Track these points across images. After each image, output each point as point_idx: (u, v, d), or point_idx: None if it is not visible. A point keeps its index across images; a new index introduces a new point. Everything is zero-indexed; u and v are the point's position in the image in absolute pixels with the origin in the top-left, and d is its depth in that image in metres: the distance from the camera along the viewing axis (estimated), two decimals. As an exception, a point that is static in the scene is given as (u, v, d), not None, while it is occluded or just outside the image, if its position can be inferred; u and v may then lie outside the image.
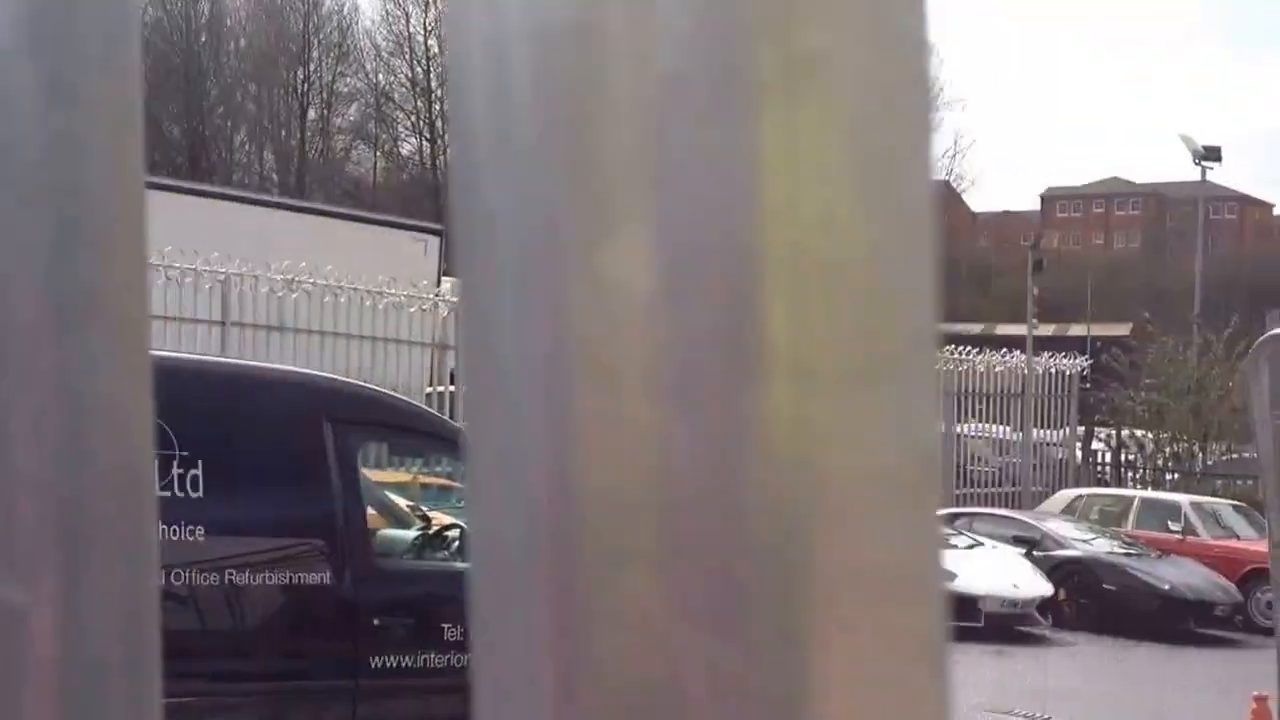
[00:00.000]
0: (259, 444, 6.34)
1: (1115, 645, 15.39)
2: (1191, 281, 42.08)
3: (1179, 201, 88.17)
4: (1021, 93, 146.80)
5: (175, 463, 5.94)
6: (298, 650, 6.29)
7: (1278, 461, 5.78)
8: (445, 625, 6.56)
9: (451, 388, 17.94)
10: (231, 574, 6.03)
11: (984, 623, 15.03)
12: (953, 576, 15.12)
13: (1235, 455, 23.75)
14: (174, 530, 5.87)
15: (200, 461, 6.00)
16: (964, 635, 14.71)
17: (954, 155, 73.37)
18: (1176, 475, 24.52)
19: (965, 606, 15.06)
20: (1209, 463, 24.57)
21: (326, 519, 6.34)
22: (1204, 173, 43.92)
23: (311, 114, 62.18)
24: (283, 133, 61.74)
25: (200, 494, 5.98)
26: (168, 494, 5.90)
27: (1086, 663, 14.29)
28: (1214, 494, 21.88)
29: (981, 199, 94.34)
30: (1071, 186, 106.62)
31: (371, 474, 8.56)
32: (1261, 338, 5.54)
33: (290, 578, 6.19)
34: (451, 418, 17.01)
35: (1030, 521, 18.26)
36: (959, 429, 23.80)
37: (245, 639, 6.14)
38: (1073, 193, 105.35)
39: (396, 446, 8.98)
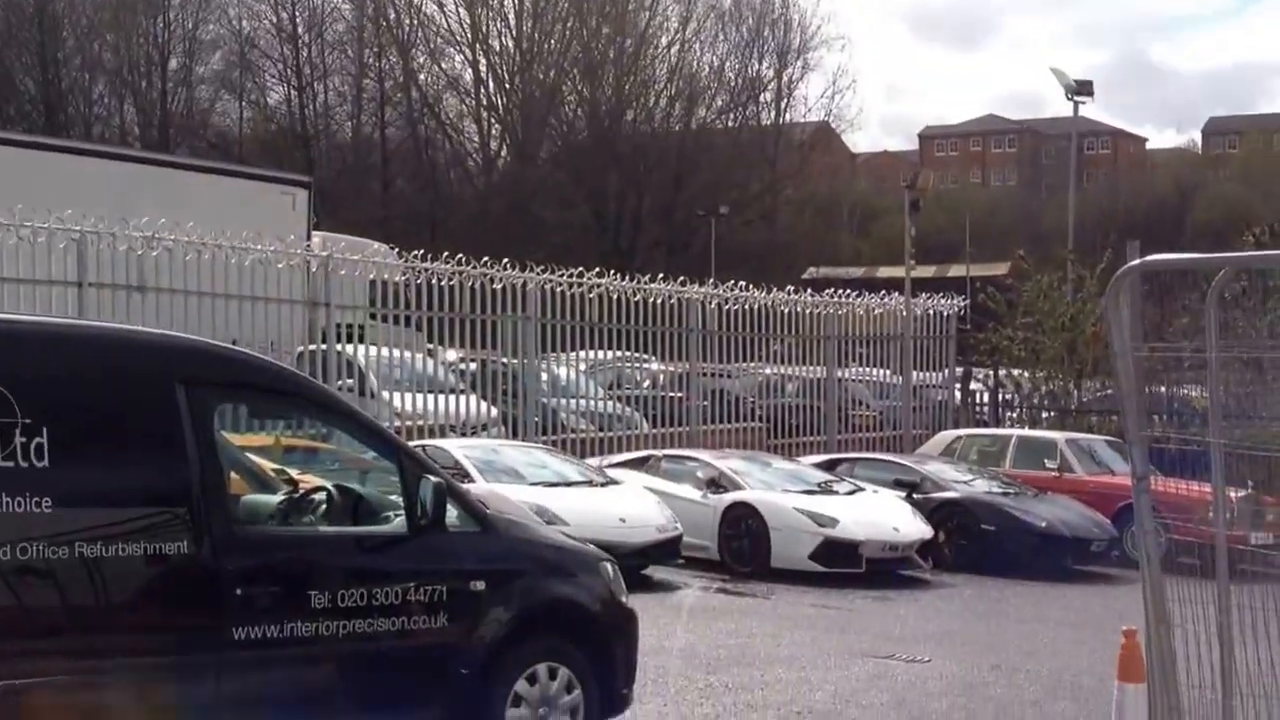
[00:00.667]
0: (107, 409, 6.08)
1: (994, 585, 15.60)
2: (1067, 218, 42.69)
3: (1055, 137, 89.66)
4: (900, 31, 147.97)
5: (18, 430, 5.69)
6: (155, 624, 6.05)
7: (1138, 394, 5.76)
8: (312, 592, 6.38)
9: (324, 346, 17.59)
10: (82, 547, 5.79)
11: (865, 568, 15.14)
12: (835, 522, 15.19)
13: (1109, 391, 24.14)
14: (18, 502, 5.65)
15: (45, 429, 5.75)
16: (845, 581, 14.81)
17: (833, 95, 73.78)
18: (1053, 413, 24.91)
19: (846, 552, 15.16)
20: (1084, 400, 24.98)
21: (182, 485, 6.11)
22: (1076, 108, 44.43)
23: (173, 63, 60.52)
24: (143, 84, 59.97)
25: (45, 463, 5.74)
26: (10, 464, 5.67)
27: (965, 604, 14.46)
28: (1089, 430, 22.26)
29: (862, 140, 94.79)
30: (949, 125, 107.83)
31: (233, 438, 8.29)
32: (1119, 270, 5.50)
33: (145, 548, 5.96)
34: (324, 379, 16.73)
35: (910, 465, 18.41)
36: (840, 373, 23.94)
37: (99, 614, 5.89)
38: (950, 131, 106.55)
39: (257, 408, 8.70)
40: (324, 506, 6.96)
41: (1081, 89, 43.39)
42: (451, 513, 6.85)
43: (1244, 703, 5.44)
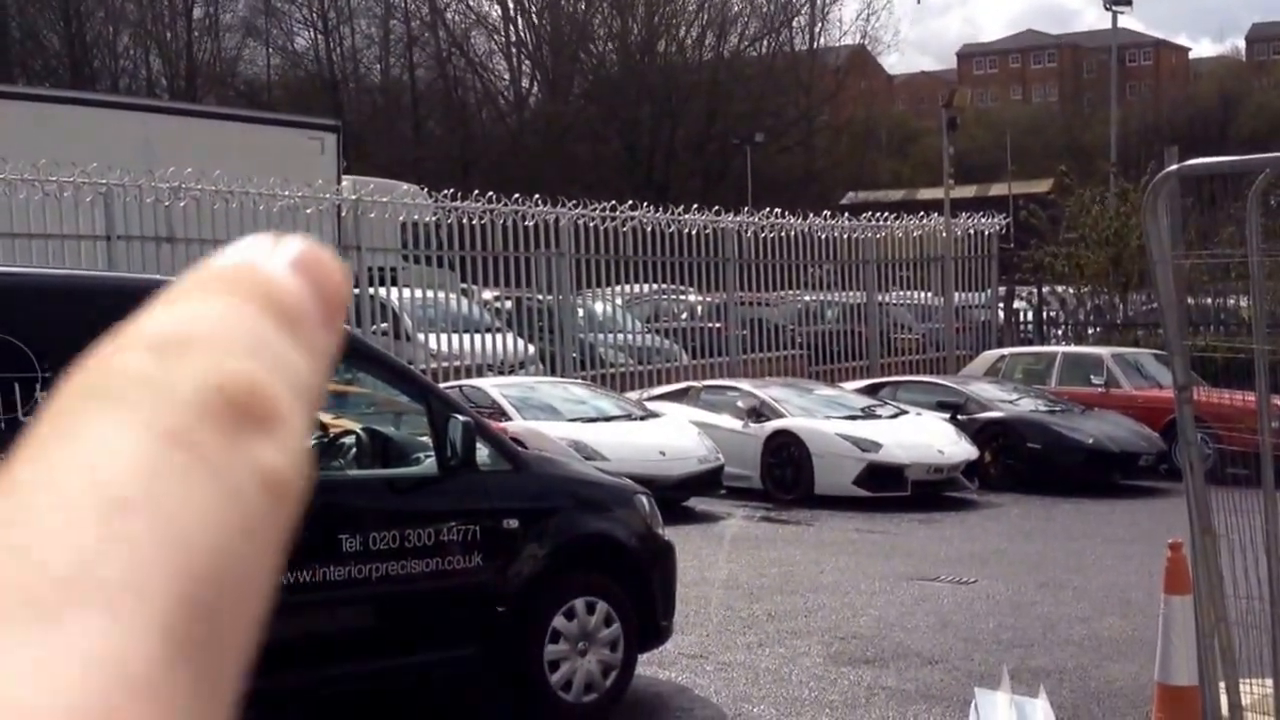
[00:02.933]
0: (131, 361, 6.01)
1: (1041, 503, 15.46)
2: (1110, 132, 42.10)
3: (1095, 50, 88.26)
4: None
5: (38, 386, 5.62)
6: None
7: (1178, 303, 5.62)
8: (343, 536, 6.34)
9: (357, 290, 17.54)
10: (110, 499, 5.73)
11: (910, 491, 15.02)
12: (878, 447, 15.07)
13: (1155, 305, 23.82)
14: (42, 458, 5.57)
15: (67, 384, 5.66)
16: (890, 505, 14.71)
17: (868, 18, 72.92)
18: (1098, 328, 24.63)
19: (891, 476, 15.04)
20: (1130, 314, 24.67)
21: (208, 435, 6.04)
22: (1115, 19, 43.71)
23: (197, 12, 60.27)
24: (168, 34, 59.85)
25: None
26: (33, 419, 5.57)
27: (1012, 523, 14.32)
28: (1135, 344, 21.97)
29: (899, 63, 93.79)
30: (986, 43, 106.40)
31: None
32: (1157, 177, 5.34)
33: (173, 498, 5.91)
34: (359, 323, 16.70)
35: (954, 386, 18.23)
36: (881, 297, 23.74)
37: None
38: (988, 49, 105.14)
39: (283, 353, 8.65)
40: (353, 450, 6.94)
41: (1119, -1, 42.71)
42: (483, 452, 6.80)
43: (1291, 610, 5.35)
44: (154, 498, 0.34)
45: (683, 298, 21.58)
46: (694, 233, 21.00)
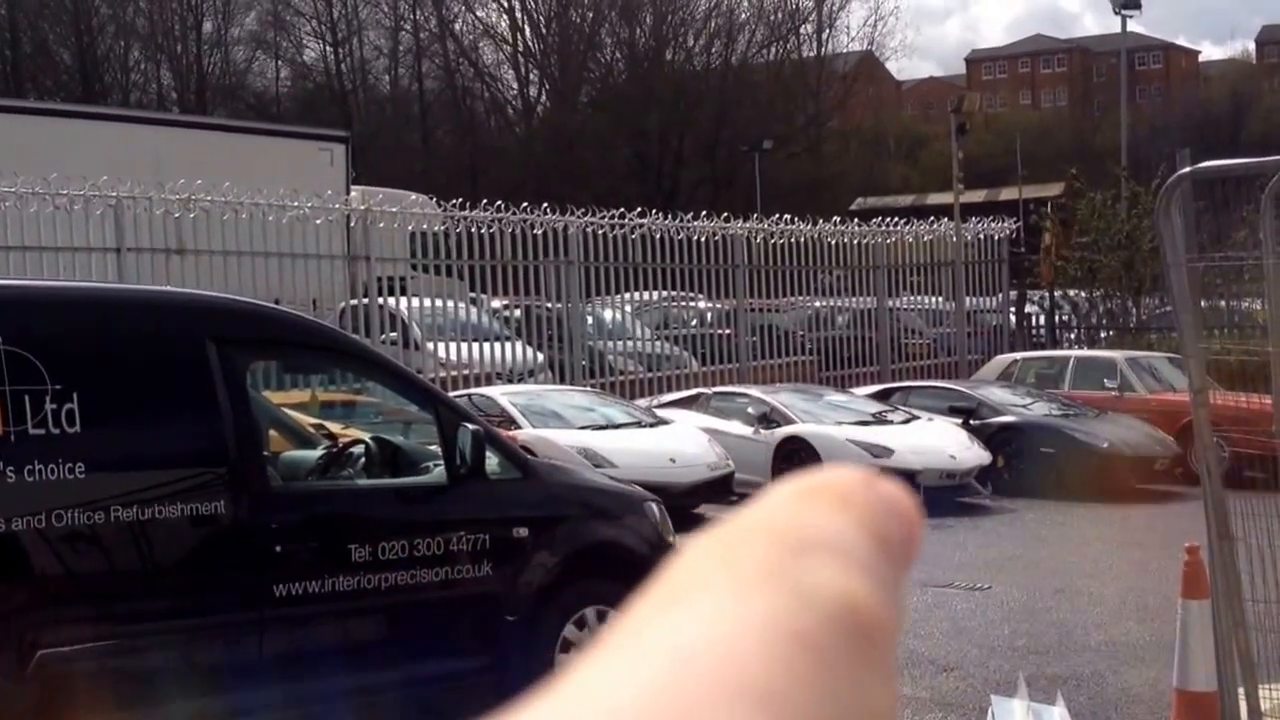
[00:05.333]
0: (138, 372, 6.01)
1: (1056, 508, 15.39)
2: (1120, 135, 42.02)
3: (1104, 55, 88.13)
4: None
5: (48, 398, 5.60)
6: (196, 586, 6.00)
7: (1193, 306, 5.58)
8: (353, 546, 6.30)
9: (366, 300, 17.57)
10: (118, 511, 5.71)
11: (923, 496, 14.93)
12: (889, 453, 15.03)
13: (1169, 307, 23.75)
14: (51, 470, 5.56)
15: (75, 394, 5.65)
16: (903, 511, 14.64)
17: (875, 24, 72.99)
18: (1111, 332, 24.56)
19: (903, 482, 14.96)
20: (1143, 317, 24.61)
21: (217, 445, 6.03)
22: (1124, 22, 43.68)
23: (207, 26, 60.65)
24: (178, 48, 60.12)
25: (77, 429, 5.63)
26: (41, 432, 5.59)
27: (1027, 528, 14.28)
28: (1149, 348, 21.91)
29: (907, 68, 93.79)
30: (994, 47, 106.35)
31: (272, 396, 8.23)
32: (1169, 180, 5.31)
33: (182, 510, 5.90)
34: (368, 333, 16.70)
35: (966, 390, 18.19)
36: (891, 303, 23.70)
37: (139, 579, 5.85)
38: (997, 54, 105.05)
39: (290, 363, 8.65)
40: (363, 460, 6.94)
41: (1129, 2, 42.61)
42: (492, 460, 6.77)
43: (1309, 615, 5.31)
44: (790, 698, 0.34)
45: (692, 304, 21.55)
46: (703, 239, 20.97)
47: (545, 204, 19.73)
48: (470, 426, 6.67)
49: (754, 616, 0.35)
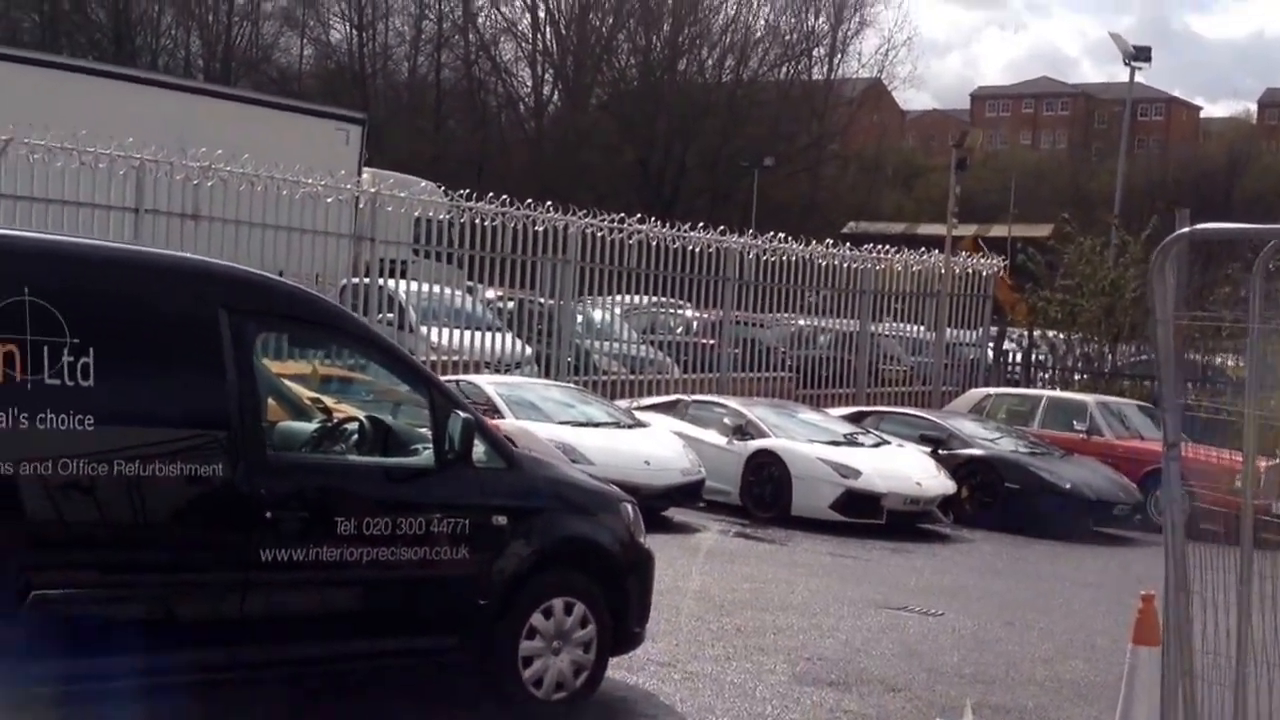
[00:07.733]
0: (152, 332, 6.15)
1: (1014, 543, 15.72)
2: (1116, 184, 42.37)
3: (1107, 102, 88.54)
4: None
5: (66, 350, 5.75)
6: (187, 542, 6.19)
7: (1176, 362, 5.71)
8: (339, 519, 6.51)
9: (367, 280, 17.84)
10: (122, 465, 5.87)
11: (886, 520, 15.30)
12: (857, 474, 15.35)
13: (1144, 356, 24.12)
14: (62, 420, 5.72)
15: (91, 349, 5.81)
16: (865, 532, 14.98)
17: (886, 52, 73.33)
18: (1085, 376, 24.92)
19: (868, 503, 15.32)
20: (1118, 364, 24.96)
21: (220, 410, 6.19)
22: (1133, 74, 44.07)
23: (240, -3, 60.92)
24: (210, 17, 60.30)
25: (90, 382, 5.79)
26: (57, 382, 5.72)
27: (983, 559, 14.58)
28: (1120, 394, 22.28)
29: (913, 98, 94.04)
30: (1001, 85, 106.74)
31: (272, 365, 8.45)
32: (1169, 237, 5.46)
33: (182, 469, 6.05)
34: (366, 312, 16.97)
35: (937, 420, 18.52)
36: (874, 328, 24.01)
37: (135, 530, 6.00)
38: (1002, 92, 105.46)
39: (296, 338, 8.87)
40: (355, 436, 7.04)
41: (1139, 54, 43.04)
42: (479, 449, 6.95)
43: (1257, 669, 5.45)
44: None
45: (680, 312, 21.84)
46: (697, 250, 21.28)
47: (548, 202, 20.03)
48: (462, 415, 6.88)
49: None
